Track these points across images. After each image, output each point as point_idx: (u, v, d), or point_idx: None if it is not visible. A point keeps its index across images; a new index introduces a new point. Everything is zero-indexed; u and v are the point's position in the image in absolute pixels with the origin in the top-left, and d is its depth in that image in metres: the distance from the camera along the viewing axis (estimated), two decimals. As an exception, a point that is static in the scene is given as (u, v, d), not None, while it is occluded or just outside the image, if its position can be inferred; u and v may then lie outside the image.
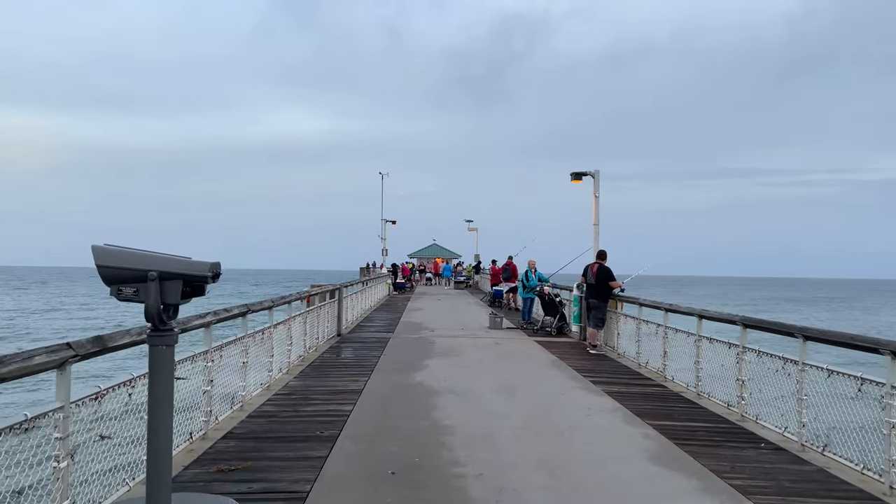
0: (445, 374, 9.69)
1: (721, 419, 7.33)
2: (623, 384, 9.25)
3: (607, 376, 9.87)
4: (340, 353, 12.05)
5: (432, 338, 14.35)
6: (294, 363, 10.00)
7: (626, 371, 10.46)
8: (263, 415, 7.01)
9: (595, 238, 14.88)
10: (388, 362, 10.75)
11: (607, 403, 7.89)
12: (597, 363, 11.20)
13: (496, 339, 14.33)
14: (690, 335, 8.82)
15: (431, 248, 72.42)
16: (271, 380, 8.41)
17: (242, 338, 7.20)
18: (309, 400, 7.79)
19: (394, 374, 9.64)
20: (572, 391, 8.60)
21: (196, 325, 5.67)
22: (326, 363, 10.70)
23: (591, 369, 10.47)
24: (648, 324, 10.51)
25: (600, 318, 12.56)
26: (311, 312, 11.57)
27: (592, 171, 14.94)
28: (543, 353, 12.35)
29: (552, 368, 10.52)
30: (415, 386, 8.73)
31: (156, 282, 3.24)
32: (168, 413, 3.44)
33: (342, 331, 14.79)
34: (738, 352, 7.48)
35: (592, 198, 14.91)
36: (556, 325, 15.63)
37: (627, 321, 11.72)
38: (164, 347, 3.38)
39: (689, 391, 8.73)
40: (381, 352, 11.97)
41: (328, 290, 13.59)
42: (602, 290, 12.48)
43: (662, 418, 7.21)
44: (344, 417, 6.90)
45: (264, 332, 8.13)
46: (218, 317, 6.28)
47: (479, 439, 6.14)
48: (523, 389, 8.61)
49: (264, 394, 7.97)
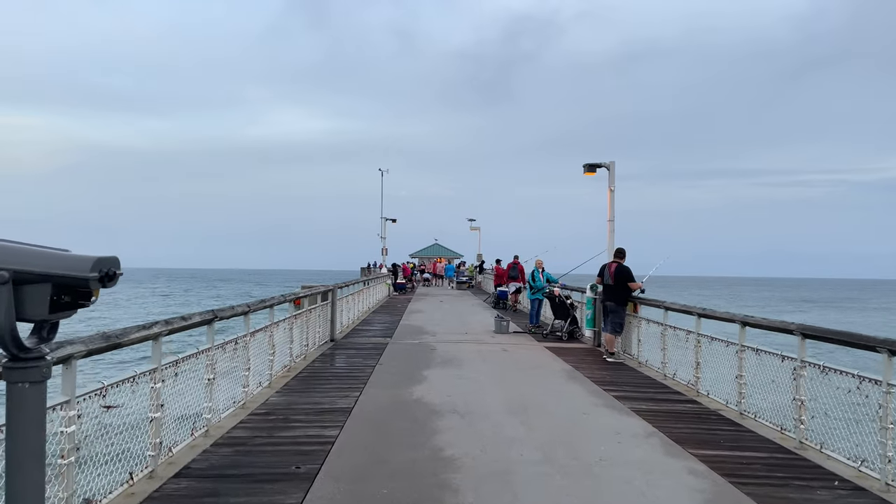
0: (448, 387, 8.55)
1: (775, 446, 6.18)
2: (650, 400, 8.10)
3: (631, 390, 8.72)
4: (332, 361, 10.90)
5: (433, 343, 13.21)
6: (278, 375, 8.86)
7: (651, 383, 9.31)
8: (232, 441, 5.87)
9: (609, 235, 13.72)
10: (384, 373, 9.61)
11: (638, 426, 6.74)
12: (617, 374, 10.05)
13: (503, 346, 13.18)
14: (731, 344, 7.67)
15: (433, 248, 71.37)
16: (247, 397, 7.28)
17: (208, 349, 6.06)
18: (289, 422, 6.65)
19: (389, 387, 8.50)
20: (595, 410, 7.45)
21: (136, 338, 4.53)
22: (315, 374, 9.55)
23: (612, 381, 9.33)
24: (677, 330, 9.35)
25: (619, 322, 11.41)
26: (299, 317, 10.44)
27: (607, 162, 13.79)
28: (556, 361, 11.20)
29: (568, 380, 9.37)
30: (413, 403, 7.59)
31: (7, 285, 2.07)
32: (36, 471, 2.28)
33: (336, 336, 13.65)
34: (795, 367, 6.32)
35: (607, 191, 13.76)
36: (568, 330, 14.48)
37: (650, 326, 10.57)
38: (27, 386, 2.22)
39: (728, 409, 7.59)
40: (376, 360, 10.82)
41: (320, 292, 12.44)
42: (621, 292, 11.33)
43: (706, 446, 6.06)
44: (328, 445, 5.76)
45: (238, 341, 6.99)
46: (170, 326, 5.14)
47: (490, 477, 5.00)
48: (538, 408, 7.46)
49: (238, 413, 6.84)
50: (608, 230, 13.73)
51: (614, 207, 13.72)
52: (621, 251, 11.73)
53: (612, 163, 13.76)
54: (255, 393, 7.67)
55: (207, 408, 6.03)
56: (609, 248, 13.58)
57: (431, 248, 71.02)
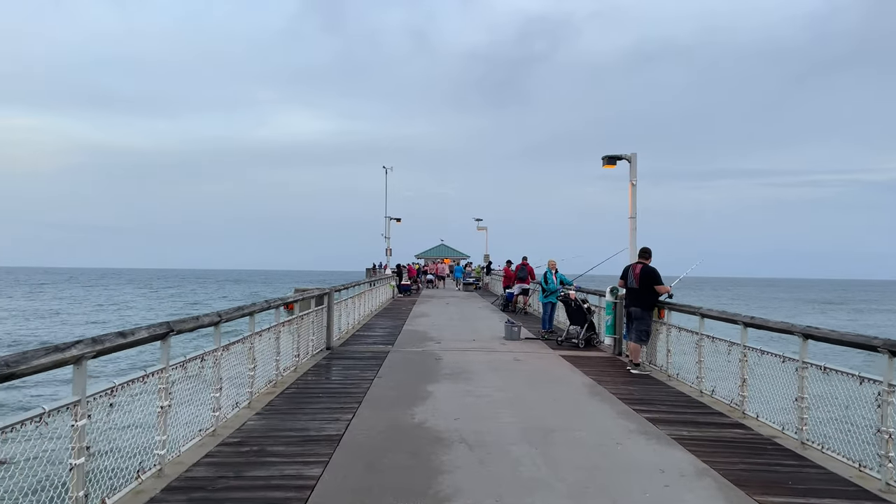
0: (455, 407, 7.43)
1: (856, 489, 5.03)
2: (690, 423, 6.96)
3: (666, 410, 7.58)
4: (326, 373, 9.79)
5: (439, 352, 12.08)
6: (261, 392, 7.76)
7: (687, 401, 8.15)
8: (189, 485, 4.76)
9: (631, 233, 12.56)
10: (383, 388, 8.49)
11: (684, 460, 5.60)
12: (645, 389, 8.89)
13: (515, 354, 12.03)
14: (787, 360, 6.51)
15: (439, 249, 70.38)
16: (219, 422, 6.18)
17: (161, 370, 4.96)
18: (264, 455, 5.54)
19: (387, 407, 7.39)
20: (629, 437, 6.30)
21: (42, 364, 3.41)
22: (304, 390, 8.44)
23: (642, 399, 8.18)
24: (716, 341, 8.18)
25: (645, 330, 10.25)
26: (288, 324, 9.34)
27: (628, 154, 12.63)
28: (575, 373, 10.04)
29: (592, 398, 8.22)
30: (413, 429, 6.47)
31: None
32: None
33: (333, 343, 12.54)
34: (880, 391, 5.16)
35: (629, 185, 12.59)
36: (584, 337, 13.33)
37: (682, 335, 9.40)
38: None
39: (786, 437, 6.43)
40: (375, 372, 9.71)
41: (314, 296, 11.33)
42: (647, 296, 10.17)
43: (773, 489, 4.92)
44: (306, 490, 4.65)
45: (205, 357, 5.89)
46: (98, 347, 4.03)
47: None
48: (562, 435, 6.32)
49: (206, 444, 5.74)
50: (630, 228, 12.56)
51: (636, 203, 12.56)
52: (647, 251, 10.56)
53: (634, 154, 12.60)
54: (229, 416, 6.58)
55: (160, 442, 4.93)
56: (631, 248, 12.43)
57: (437, 249, 70.03)
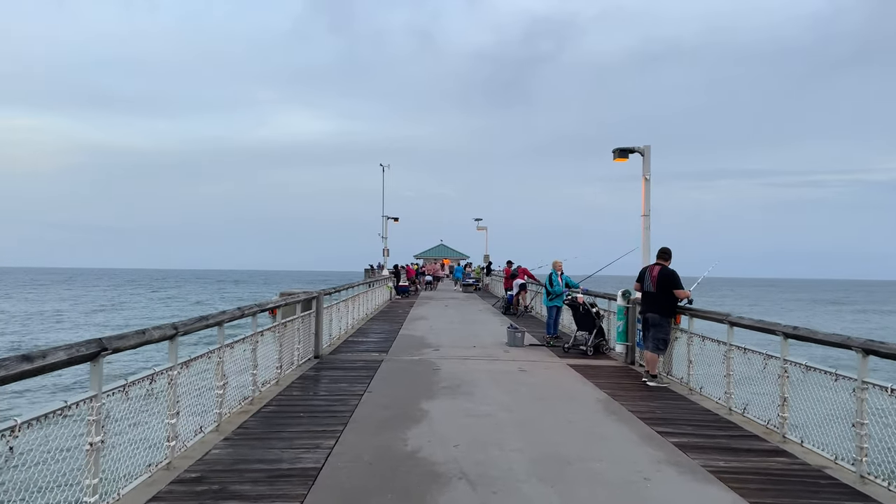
0: (454, 430, 6.50)
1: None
2: (725, 450, 6.02)
3: (694, 432, 6.65)
4: (311, 387, 8.85)
5: (437, 360, 11.15)
6: (233, 413, 6.84)
7: (715, 421, 7.22)
8: (123, 542, 3.83)
9: (644, 232, 11.65)
10: (373, 406, 7.56)
11: (726, 501, 4.67)
12: (667, 406, 7.96)
13: (519, 363, 11.10)
14: (841, 377, 5.58)
15: (438, 249, 69.50)
16: (175, 453, 5.24)
17: (93, 398, 4.03)
18: (224, 497, 4.59)
19: (376, 430, 6.45)
20: (658, 470, 5.36)
21: None
22: (284, 408, 7.50)
23: (665, 418, 7.25)
24: (749, 353, 7.25)
25: (662, 338, 9.32)
26: (270, 332, 8.41)
27: (641, 146, 11.71)
28: (587, 386, 9.11)
29: (609, 418, 7.28)
30: (405, 460, 5.53)
31: None
32: None
33: (322, 351, 11.61)
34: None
35: (641, 180, 11.68)
36: (593, 343, 12.40)
37: (707, 344, 8.47)
38: None
39: (841, 469, 5.50)
40: (366, 385, 8.78)
41: (300, 300, 10.40)
42: (665, 301, 9.24)
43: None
44: (268, 549, 3.72)
45: (154, 378, 4.95)
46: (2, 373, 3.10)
47: None
48: (580, 467, 5.38)
49: (156, 481, 4.81)
50: (642, 226, 11.66)
51: (650, 199, 11.64)
52: (666, 251, 9.61)
53: (648, 147, 11.68)
54: (190, 444, 5.65)
55: (91, 487, 3.99)
56: (644, 248, 11.52)
57: (437, 249, 69.15)
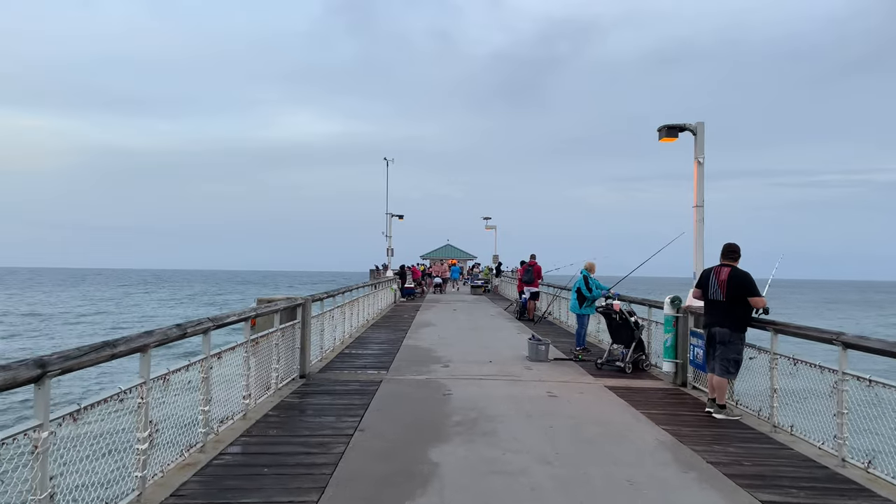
0: (475, 498, 4.58)
1: None
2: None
3: (808, 499, 4.72)
4: (286, 423, 6.89)
5: (447, 381, 9.23)
6: (166, 473, 4.93)
7: (828, 479, 5.27)
8: None
9: (696, 225, 9.70)
10: (364, 455, 5.64)
11: None
12: (751, 452, 6.01)
13: (547, 385, 9.17)
14: None
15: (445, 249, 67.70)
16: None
17: None
18: None
19: (364, 499, 4.54)
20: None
21: None
22: (243, 459, 5.59)
23: (758, 473, 5.31)
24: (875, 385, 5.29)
25: (733, 359, 7.35)
26: (227, 355, 6.50)
27: (693, 124, 9.76)
28: (639, 420, 7.16)
29: (685, 475, 5.32)
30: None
31: None
32: None
33: (310, 368, 9.70)
34: None
35: (693, 164, 9.72)
36: (632, 359, 10.46)
37: (799, 368, 6.51)
38: None
39: None
40: (358, 420, 6.88)
41: (280, 309, 8.47)
42: (737, 312, 7.28)
43: None
44: None
45: (16, 438, 3.06)
46: None
47: None
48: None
49: None
50: (694, 218, 9.70)
51: (703, 187, 9.68)
52: (734, 249, 7.58)
53: (701, 124, 9.73)
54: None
55: None
56: (696, 245, 9.57)
57: (444, 250, 67.36)
